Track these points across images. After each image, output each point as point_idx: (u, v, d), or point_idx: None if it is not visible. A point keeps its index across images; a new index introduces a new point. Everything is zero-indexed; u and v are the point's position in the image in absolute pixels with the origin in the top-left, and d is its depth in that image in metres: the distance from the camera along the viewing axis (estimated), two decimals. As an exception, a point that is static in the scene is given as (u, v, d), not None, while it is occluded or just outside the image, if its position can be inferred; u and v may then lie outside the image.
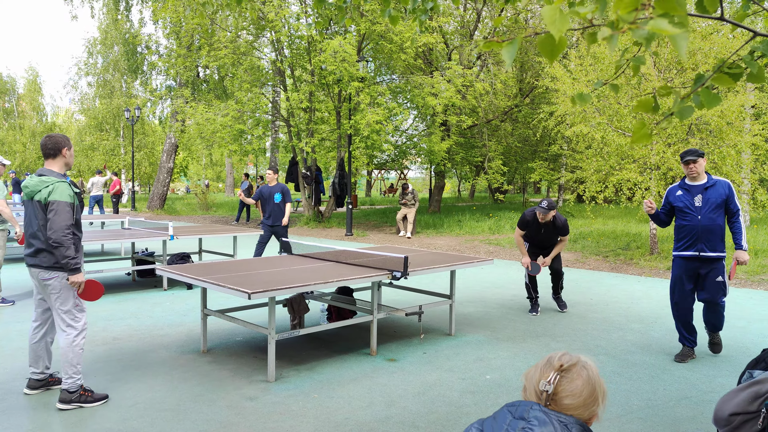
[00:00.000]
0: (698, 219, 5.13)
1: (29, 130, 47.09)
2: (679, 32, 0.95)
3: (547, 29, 1.01)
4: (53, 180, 4.05)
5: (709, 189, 5.14)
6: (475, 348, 5.69)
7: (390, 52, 17.88)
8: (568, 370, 1.60)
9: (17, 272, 9.90)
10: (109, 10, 30.30)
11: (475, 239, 15.65)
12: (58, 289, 4.09)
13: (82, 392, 4.10)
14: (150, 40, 26.17)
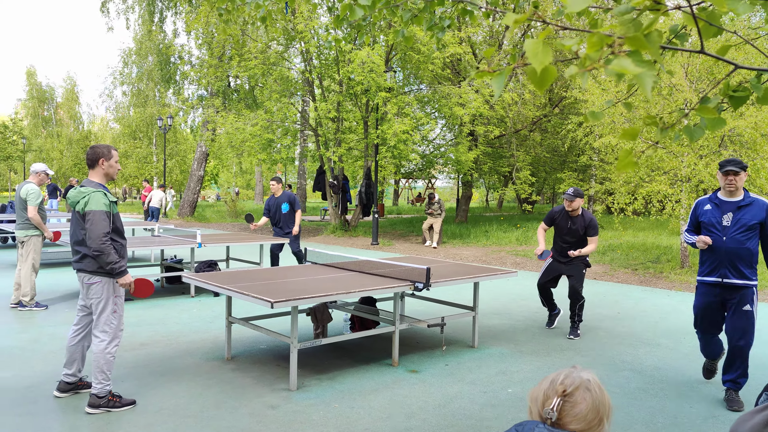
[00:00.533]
0: (722, 240, 4.50)
1: (66, 138, 48.39)
2: (641, 71, 0.96)
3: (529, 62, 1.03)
4: (90, 190, 4.19)
5: (743, 208, 4.49)
6: (497, 361, 5.66)
7: (418, 63, 17.95)
8: (571, 395, 1.59)
9: (51, 277, 10.15)
10: (144, 21, 31.02)
11: (502, 250, 15.54)
12: (99, 293, 4.23)
13: (110, 398, 4.19)
14: (183, 50, 26.70)
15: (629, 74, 0.96)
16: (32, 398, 4.44)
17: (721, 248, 4.53)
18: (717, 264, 4.56)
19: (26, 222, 7.37)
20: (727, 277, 4.53)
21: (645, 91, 0.98)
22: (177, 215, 28.12)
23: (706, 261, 4.66)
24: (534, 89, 19.65)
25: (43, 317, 7.11)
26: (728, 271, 4.51)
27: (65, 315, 7.24)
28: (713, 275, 4.59)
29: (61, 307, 7.72)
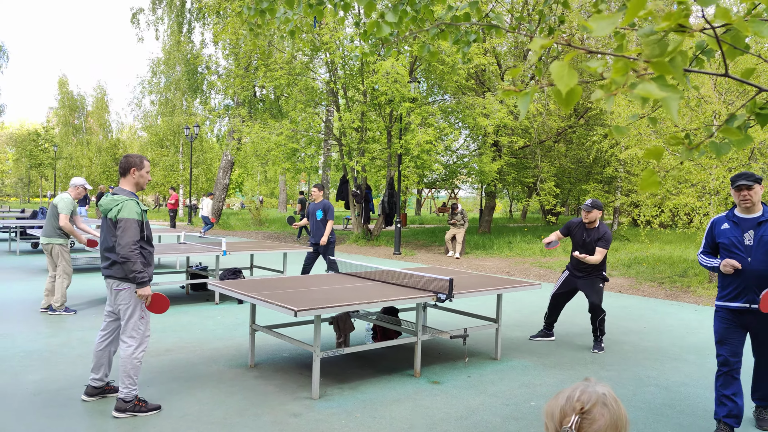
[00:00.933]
0: (748, 262, 4.08)
1: (95, 146, 49.40)
2: (666, 95, 0.97)
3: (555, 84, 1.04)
4: (122, 198, 4.29)
5: (764, 224, 4.10)
6: (520, 373, 5.62)
7: (442, 73, 17.99)
8: (589, 411, 1.58)
9: (79, 282, 10.35)
10: (173, 32, 31.62)
11: (525, 261, 15.43)
12: (127, 300, 4.32)
13: (136, 402, 4.27)
14: (210, 60, 27.12)
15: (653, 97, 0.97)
16: (61, 401, 4.53)
17: (746, 270, 4.09)
18: (743, 288, 4.12)
19: (51, 230, 7.57)
20: (755, 302, 4.08)
21: (671, 114, 0.99)
22: (203, 223, 28.45)
23: (729, 285, 4.20)
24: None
25: (71, 321, 7.25)
26: (756, 295, 4.08)
27: (93, 320, 7.38)
28: (739, 300, 4.15)
29: (89, 312, 7.87)
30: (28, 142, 49.77)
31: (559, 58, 1.11)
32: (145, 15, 30.99)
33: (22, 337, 6.41)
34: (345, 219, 25.82)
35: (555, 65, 1.04)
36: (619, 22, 0.97)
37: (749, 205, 4.12)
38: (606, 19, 0.98)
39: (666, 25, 0.99)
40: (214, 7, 25.59)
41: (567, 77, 1.01)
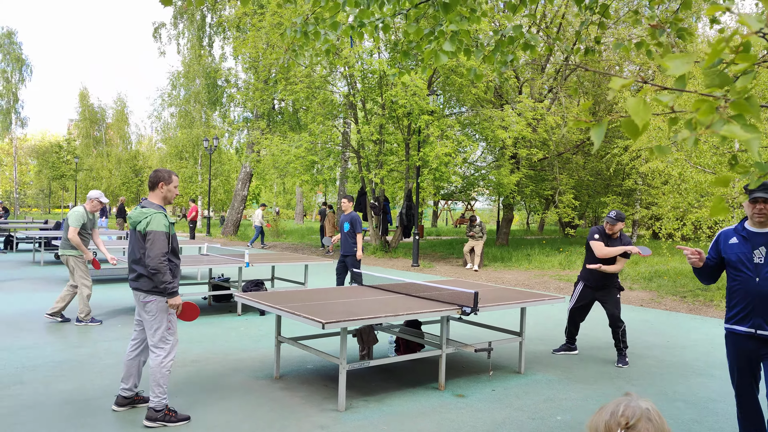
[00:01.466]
0: (755, 282, 3.66)
1: (115, 157, 50.12)
2: (750, 137, 1.01)
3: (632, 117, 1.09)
4: (151, 211, 4.37)
5: None
6: (545, 387, 5.60)
7: (460, 86, 18.06)
8: (634, 426, 1.59)
9: (106, 293, 10.49)
10: (193, 45, 32.11)
11: (545, 274, 15.36)
12: (154, 312, 4.39)
13: (166, 412, 4.32)
14: (230, 74, 27.48)
15: (737, 138, 1.01)
16: (91, 411, 4.60)
17: (753, 291, 3.67)
18: (750, 311, 3.70)
19: (65, 242, 7.70)
20: (762, 328, 3.66)
21: (753, 155, 1.02)
22: (221, 234, 28.70)
23: (736, 305, 3.80)
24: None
25: (98, 332, 7.35)
26: (764, 320, 3.65)
27: (120, 330, 7.48)
28: (744, 324, 3.74)
29: (115, 322, 7.97)
30: (50, 153, 50.64)
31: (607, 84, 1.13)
32: (166, 29, 31.54)
33: (50, 348, 6.52)
34: (364, 231, 26.00)
35: (631, 101, 1.08)
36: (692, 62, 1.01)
37: (763, 220, 3.69)
38: (681, 59, 1.02)
39: (744, 66, 1.03)
40: (234, 22, 25.96)
41: (643, 112, 1.06)
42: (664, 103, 1.07)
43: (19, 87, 44.04)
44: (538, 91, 21.61)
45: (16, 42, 43.59)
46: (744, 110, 1.03)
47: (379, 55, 19.01)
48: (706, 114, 1.04)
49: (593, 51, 3.47)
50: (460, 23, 2.43)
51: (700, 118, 1.04)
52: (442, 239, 29.26)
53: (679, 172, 11.54)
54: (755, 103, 1.02)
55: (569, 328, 7.00)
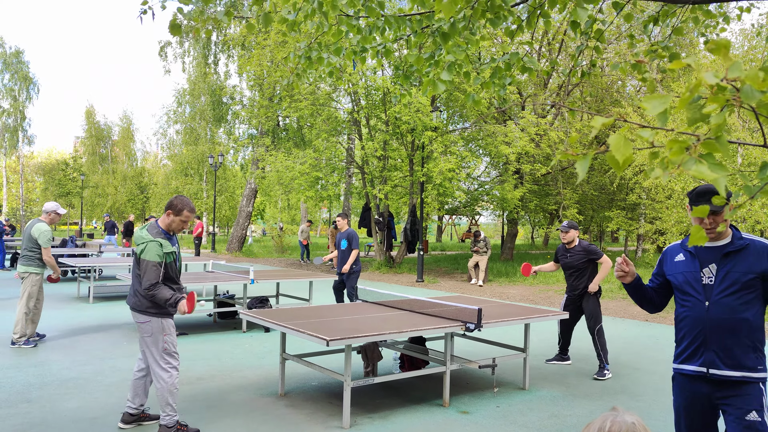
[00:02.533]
0: (704, 307, 2.90)
1: (121, 174, 50.41)
2: (717, 177, 1.08)
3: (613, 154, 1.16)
4: (149, 238, 4.40)
5: (733, 255, 2.88)
6: (549, 404, 5.60)
7: (463, 102, 18.19)
8: None
9: (110, 310, 10.54)
10: (198, 63, 32.45)
11: (549, 289, 15.34)
12: (149, 332, 4.42)
13: (178, 427, 4.35)
14: (234, 91, 27.75)
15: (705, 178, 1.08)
16: (97, 430, 4.63)
17: (703, 319, 2.90)
18: (699, 344, 2.92)
19: (29, 258, 7.37)
20: (715, 366, 2.87)
21: (721, 192, 1.09)
22: (226, 250, 28.79)
23: (684, 338, 3.00)
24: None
25: (103, 350, 7.39)
26: (716, 355, 2.87)
27: (125, 348, 7.51)
28: (693, 362, 2.94)
29: (120, 339, 8.02)
30: (56, 171, 50.99)
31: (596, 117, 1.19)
32: (172, 48, 31.96)
33: (57, 366, 6.56)
34: (366, 246, 25.99)
35: (613, 138, 1.15)
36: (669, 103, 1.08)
37: (713, 236, 2.94)
38: (658, 99, 1.09)
39: (715, 108, 1.10)
40: (239, 40, 26.26)
41: (623, 148, 1.13)
42: (645, 138, 1.13)
43: (26, 105, 44.48)
44: (541, 106, 21.73)
45: (23, 61, 44.10)
46: (713, 150, 1.09)
47: (383, 72, 19.17)
48: (677, 154, 1.10)
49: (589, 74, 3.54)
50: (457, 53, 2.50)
51: (672, 157, 1.10)
52: (447, 254, 29.26)
53: (682, 187, 11.57)
54: (724, 141, 1.08)
55: (561, 338, 7.21)
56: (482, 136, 19.29)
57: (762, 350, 2.87)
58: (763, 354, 2.87)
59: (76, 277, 16.45)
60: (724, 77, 1.06)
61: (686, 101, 1.09)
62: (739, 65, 1.04)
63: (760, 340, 2.87)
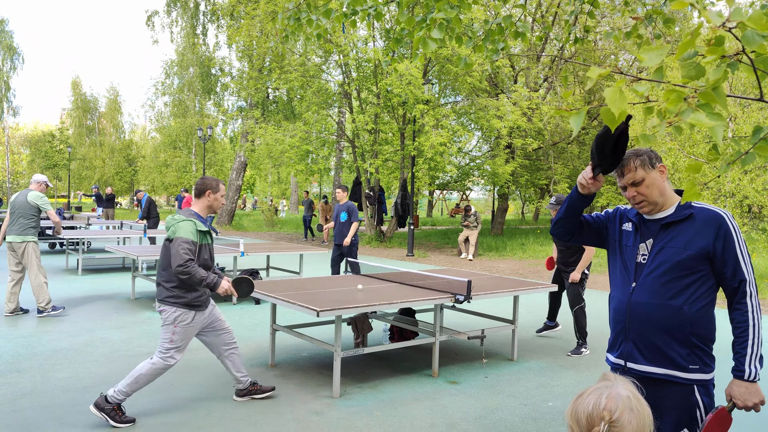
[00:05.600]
0: (630, 289, 2.43)
1: (108, 147, 49.90)
2: (714, 124, 1.06)
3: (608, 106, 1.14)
4: (180, 218, 4.29)
5: (672, 228, 2.37)
6: (537, 374, 5.68)
7: (455, 75, 18.06)
8: (618, 420, 1.61)
9: (100, 282, 10.50)
10: (186, 34, 31.92)
11: (539, 263, 15.45)
12: (164, 321, 4.30)
13: (115, 408, 4.15)
14: (223, 62, 27.35)
15: (703, 126, 1.06)
16: (89, 399, 4.64)
17: (625, 303, 2.44)
18: (619, 332, 2.49)
19: (26, 227, 7.37)
20: (632, 359, 2.44)
21: (717, 141, 1.08)
22: (215, 223, 28.69)
23: (611, 325, 2.57)
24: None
25: (93, 321, 7.38)
26: (635, 347, 2.42)
27: (115, 320, 7.51)
28: (614, 352, 2.54)
29: (109, 311, 8.00)
30: (42, 143, 50.37)
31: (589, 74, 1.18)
32: (159, 17, 31.36)
33: (47, 337, 6.55)
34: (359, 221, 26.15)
35: (608, 91, 1.13)
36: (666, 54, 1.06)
37: (646, 208, 2.42)
38: (655, 51, 1.07)
39: (713, 59, 1.08)
40: (228, 10, 25.82)
41: (619, 101, 1.11)
42: (640, 93, 1.12)
43: (10, 76, 43.70)
44: (533, 80, 21.63)
45: (7, 31, 43.20)
46: (711, 100, 1.08)
47: (374, 44, 18.96)
48: (675, 103, 1.09)
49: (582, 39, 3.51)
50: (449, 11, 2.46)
51: (669, 107, 1.09)
52: (437, 229, 29.33)
53: (673, 162, 11.61)
54: (722, 93, 1.07)
55: (550, 306, 7.31)
56: (474, 110, 19.20)
57: (703, 348, 2.33)
58: (704, 352, 2.34)
59: (64, 249, 16.36)
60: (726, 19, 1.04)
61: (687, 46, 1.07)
62: (740, 10, 1.03)
63: (699, 334, 2.32)
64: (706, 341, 2.34)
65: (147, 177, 41.02)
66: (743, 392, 2.25)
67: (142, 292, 9.66)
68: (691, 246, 2.30)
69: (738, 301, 2.31)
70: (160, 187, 39.83)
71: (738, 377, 2.27)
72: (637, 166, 2.35)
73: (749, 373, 2.25)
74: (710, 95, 1.07)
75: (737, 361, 2.28)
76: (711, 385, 2.36)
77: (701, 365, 2.33)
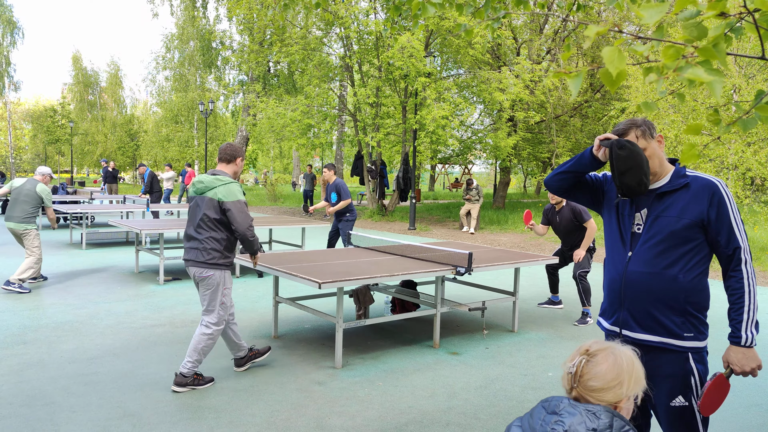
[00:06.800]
0: (625, 259, 2.45)
1: (110, 122, 49.71)
2: (713, 79, 1.05)
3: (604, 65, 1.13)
4: (228, 179, 4.34)
5: (667, 197, 2.38)
6: (537, 345, 5.73)
7: (458, 47, 17.87)
8: (594, 354, 1.70)
9: (104, 256, 10.57)
10: (186, 6, 31.56)
11: (540, 237, 15.47)
12: (213, 285, 4.35)
13: (195, 376, 4.37)
14: (224, 36, 27.10)
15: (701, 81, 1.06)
16: (94, 369, 4.71)
17: (621, 272, 2.46)
18: (614, 300, 2.50)
19: (31, 215, 7.65)
20: (628, 327, 2.45)
21: (715, 96, 1.07)
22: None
23: (605, 292, 2.58)
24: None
25: (98, 294, 7.45)
26: (630, 315, 2.44)
27: (120, 292, 7.58)
28: (608, 319, 2.55)
29: (113, 284, 8.07)
30: (44, 118, 50.21)
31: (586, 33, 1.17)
32: (158, -10, 30.88)
33: (52, 309, 6.62)
34: (359, 195, 25.97)
35: (606, 50, 1.12)
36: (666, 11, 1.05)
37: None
38: (655, 8, 1.06)
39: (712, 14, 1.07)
40: (227, -18, 25.47)
41: (617, 60, 1.10)
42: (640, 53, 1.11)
43: (10, 50, 43.34)
44: (536, 52, 21.40)
45: (6, 5, 42.74)
46: (710, 56, 1.07)
47: (375, 15, 18.73)
48: (672, 58, 1.08)
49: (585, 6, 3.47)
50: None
51: (667, 62, 1.09)
52: (439, 203, 29.33)
53: (675, 134, 11.54)
54: (722, 49, 1.07)
55: (549, 279, 7.35)
56: (476, 83, 19.04)
57: (698, 316, 2.35)
58: (698, 320, 2.35)
59: (68, 224, 16.43)
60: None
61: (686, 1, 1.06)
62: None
63: (694, 302, 2.33)
64: (701, 309, 2.36)
65: (149, 152, 40.91)
66: (740, 358, 2.27)
67: (146, 265, 9.73)
68: (686, 215, 2.31)
69: (733, 269, 2.32)
70: (162, 161, 39.77)
71: (735, 343, 2.29)
72: (638, 136, 2.36)
73: (746, 339, 2.27)
74: (710, 51, 1.06)
75: (733, 327, 2.30)
76: (705, 352, 2.38)
77: (696, 333, 2.35)
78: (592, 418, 1.56)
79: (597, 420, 1.55)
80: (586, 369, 1.69)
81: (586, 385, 1.67)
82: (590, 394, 1.66)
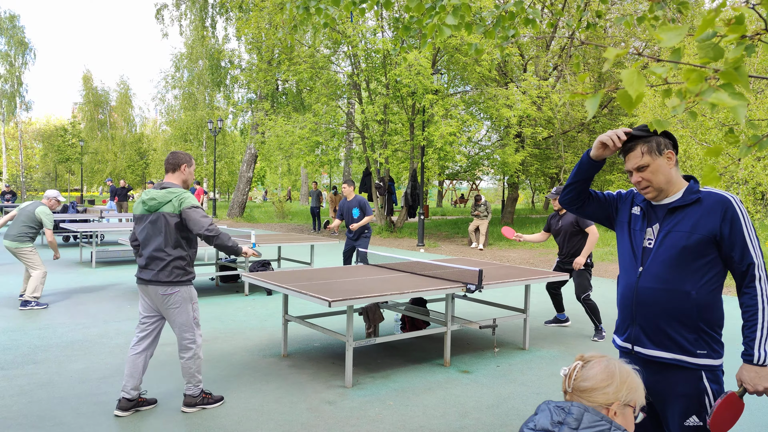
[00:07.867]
0: (636, 274, 2.41)
1: (120, 140, 50.19)
2: (737, 104, 1.04)
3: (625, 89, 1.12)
4: (180, 191, 4.22)
5: (679, 212, 2.35)
6: (549, 363, 5.68)
7: (464, 65, 17.96)
8: (589, 359, 1.80)
9: (113, 275, 10.60)
10: (196, 27, 31.94)
11: (549, 252, 15.40)
12: (179, 303, 4.20)
13: (203, 395, 4.34)
14: (233, 55, 27.36)
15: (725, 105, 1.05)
16: (104, 389, 4.70)
17: (632, 287, 2.42)
18: (626, 316, 2.47)
19: (25, 235, 7.64)
20: (640, 344, 2.41)
21: (739, 121, 1.06)
22: (227, 215, 28.82)
23: (619, 308, 2.53)
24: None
25: (106, 312, 7.46)
26: (642, 331, 2.40)
27: (128, 311, 7.58)
28: (621, 335, 2.52)
29: (123, 302, 8.08)
30: (55, 137, 50.73)
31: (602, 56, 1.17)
32: (169, 11, 31.35)
33: (62, 328, 6.63)
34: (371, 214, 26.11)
35: (626, 73, 1.12)
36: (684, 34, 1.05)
37: (651, 193, 2.40)
38: (674, 31, 1.06)
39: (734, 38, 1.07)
40: (237, 2, 25.80)
41: (637, 83, 1.09)
42: (659, 74, 1.11)
43: (22, 71, 43.98)
44: (543, 68, 21.47)
45: (19, 26, 43.42)
46: (732, 79, 1.07)
47: (383, 34, 18.89)
48: (696, 83, 1.07)
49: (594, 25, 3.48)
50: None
51: (690, 87, 1.08)
52: (447, 219, 29.29)
53: (684, 149, 11.50)
54: (744, 72, 1.06)
55: (552, 299, 7.29)
56: (483, 99, 19.10)
57: (711, 333, 2.29)
58: (712, 338, 2.29)
59: (78, 242, 16.51)
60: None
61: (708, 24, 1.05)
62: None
63: (707, 319, 2.28)
64: (714, 326, 2.30)
65: (158, 171, 41.19)
66: (753, 376, 2.21)
67: (155, 284, 9.73)
68: (698, 230, 2.27)
69: (747, 285, 2.27)
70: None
71: (748, 361, 2.22)
72: (643, 152, 2.35)
73: (759, 357, 2.20)
74: (732, 74, 1.05)
75: (747, 345, 2.23)
76: (720, 371, 2.31)
77: (709, 351, 2.29)
78: (559, 413, 1.63)
79: (564, 414, 1.61)
80: (580, 373, 1.79)
81: (578, 387, 1.74)
82: (581, 395, 1.73)
